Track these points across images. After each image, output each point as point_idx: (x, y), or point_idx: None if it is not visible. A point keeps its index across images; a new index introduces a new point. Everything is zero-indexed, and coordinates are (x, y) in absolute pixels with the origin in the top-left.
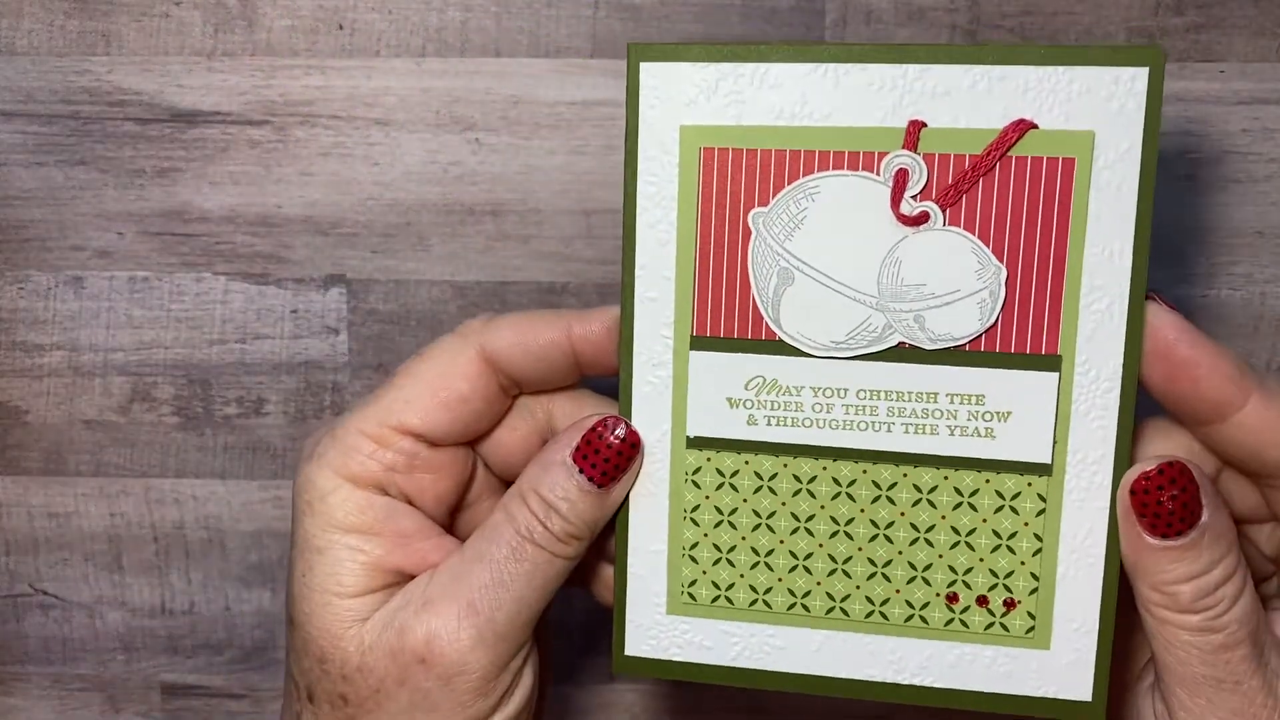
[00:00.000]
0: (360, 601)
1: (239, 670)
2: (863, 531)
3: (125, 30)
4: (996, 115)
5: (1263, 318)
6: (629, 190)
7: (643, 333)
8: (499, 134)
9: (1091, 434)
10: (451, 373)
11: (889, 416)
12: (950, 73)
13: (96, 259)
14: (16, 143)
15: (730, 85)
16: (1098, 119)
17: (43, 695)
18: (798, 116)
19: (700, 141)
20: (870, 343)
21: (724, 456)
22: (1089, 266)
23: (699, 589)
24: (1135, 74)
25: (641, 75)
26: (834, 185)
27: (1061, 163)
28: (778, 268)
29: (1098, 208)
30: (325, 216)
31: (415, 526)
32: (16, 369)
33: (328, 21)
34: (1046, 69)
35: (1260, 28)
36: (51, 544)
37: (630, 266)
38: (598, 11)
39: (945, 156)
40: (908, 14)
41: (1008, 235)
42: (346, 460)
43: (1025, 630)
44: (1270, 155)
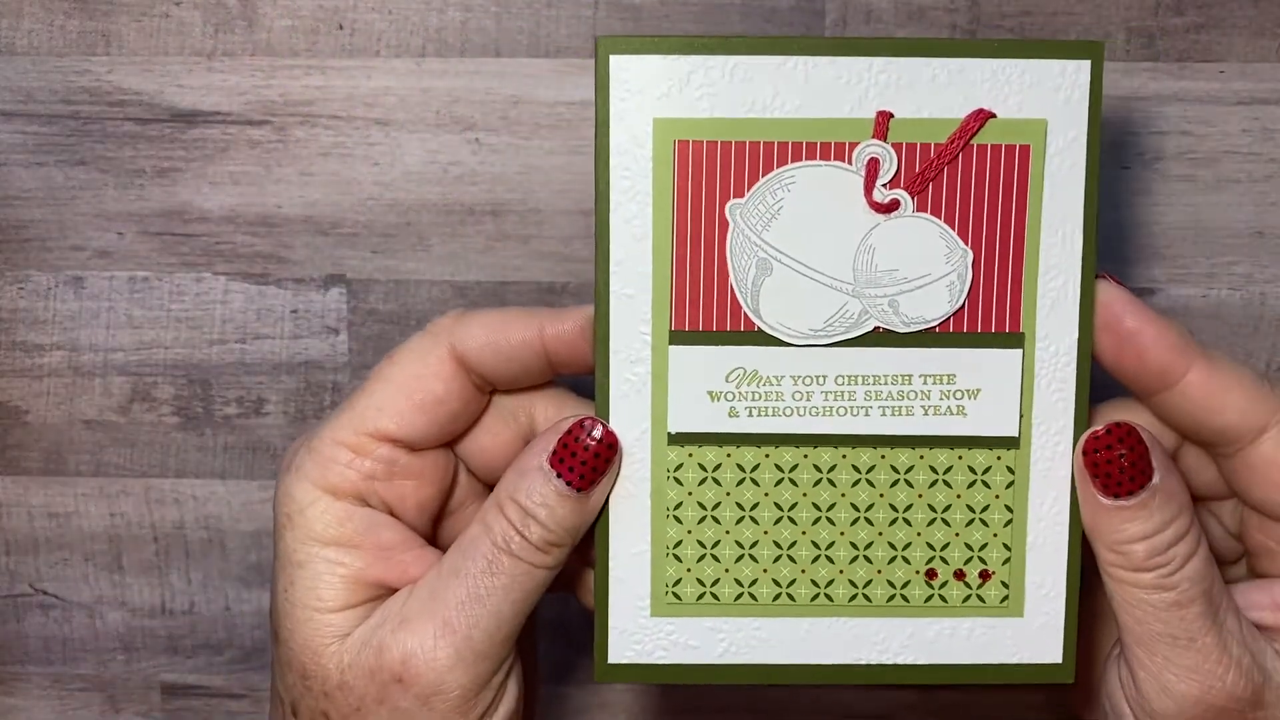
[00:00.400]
0: (341, 616)
1: (239, 670)
2: (844, 516)
3: (125, 30)
4: (957, 105)
5: (1263, 318)
6: (601, 186)
7: (619, 330)
8: (499, 134)
9: (1053, 406)
10: (424, 374)
11: (866, 400)
12: (912, 65)
13: (96, 259)
14: (16, 143)
15: (702, 78)
16: (1048, 108)
17: (43, 695)
18: (770, 109)
19: (674, 134)
20: (847, 329)
21: (705, 451)
22: (1045, 247)
23: (683, 588)
24: (1079, 66)
25: (611, 68)
26: (809, 175)
27: (1018, 149)
28: (756, 258)
29: (1051, 192)
30: (325, 216)
31: (397, 538)
32: (16, 369)
33: (328, 21)
34: (1000, 61)
35: (1260, 28)
36: (51, 544)
37: (605, 263)
38: (598, 11)
39: (912, 145)
40: (908, 14)
41: (971, 219)
42: (324, 471)
43: (1000, 599)
44: (1270, 155)
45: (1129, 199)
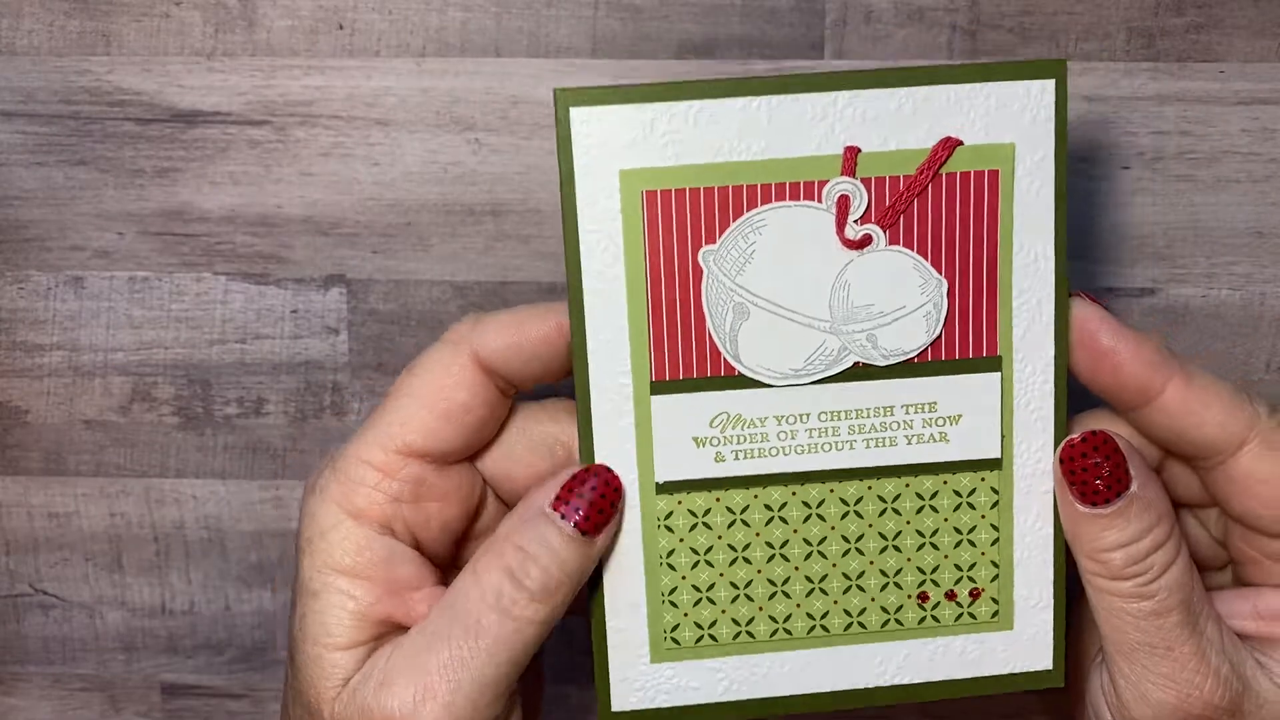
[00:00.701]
0: (347, 655)
1: (239, 670)
2: (835, 548)
3: (125, 30)
4: (924, 135)
5: (1263, 318)
6: (570, 239)
7: (599, 382)
8: (499, 134)
9: (1032, 425)
10: (448, 384)
11: (850, 434)
12: (877, 97)
13: (96, 259)
14: (16, 143)
15: (665, 125)
16: (1015, 131)
17: (43, 695)
18: (736, 151)
19: (641, 184)
20: (827, 366)
21: (695, 497)
22: (1018, 268)
23: (681, 632)
24: (1044, 86)
25: (573, 122)
26: (779, 217)
27: (987, 175)
28: (732, 303)
29: (1020, 215)
30: (325, 216)
31: (411, 574)
32: (16, 369)
33: (328, 21)
34: (965, 86)
35: (1260, 28)
36: (51, 544)
37: (579, 316)
38: (598, 11)
39: (881, 179)
40: (907, 14)
41: (944, 248)
42: (350, 493)
43: (991, 615)
44: (1270, 155)
45: (1129, 199)
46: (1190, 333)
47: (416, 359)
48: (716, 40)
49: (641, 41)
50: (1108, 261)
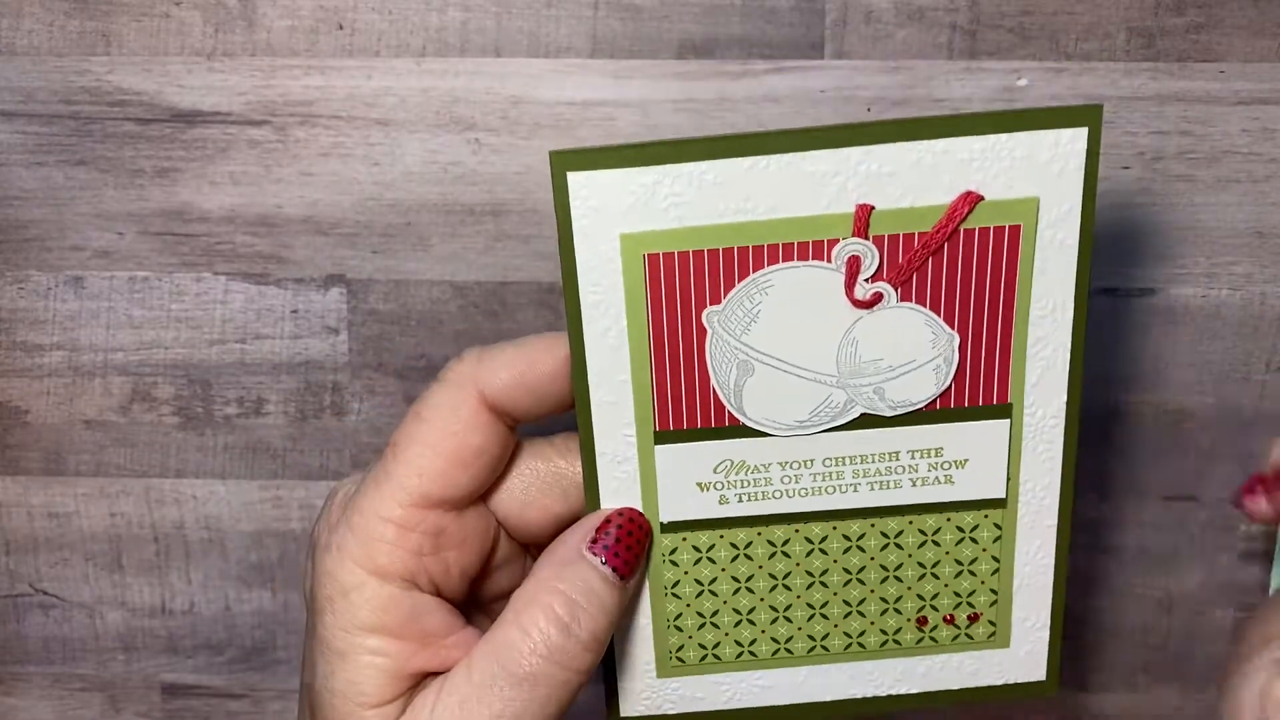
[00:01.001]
0: (382, 711)
1: (239, 670)
2: (836, 579)
3: (125, 30)
4: (942, 189)
5: (1263, 318)
6: (570, 300)
7: (603, 433)
8: (499, 134)
9: (1040, 465)
10: (458, 429)
11: (854, 478)
12: (894, 151)
13: (96, 259)
14: (16, 143)
15: (669, 188)
16: (1040, 183)
17: (43, 695)
18: (743, 212)
19: (643, 248)
20: (833, 418)
21: (699, 535)
22: (1035, 320)
23: (686, 652)
24: (1075, 134)
25: (570, 186)
26: (787, 278)
27: (1008, 230)
28: (737, 361)
29: (1041, 266)
30: (325, 216)
31: (440, 624)
32: (16, 369)
33: (328, 21)
34: (988, 137)
35: (1260, 28)
36: (51, 544)
37: (583, 374)
38: (598, 11)
39: (895, 237)
40: (907, 14)
41: (958, 303)
42: (371, 553)
43: (988, 636)
44: (1270, 155)
45: (1129, 199)
46: (1190, 333)
47: (420, 403)
48: (716, 40)
49: (641, 41)
50: (1108, 261)
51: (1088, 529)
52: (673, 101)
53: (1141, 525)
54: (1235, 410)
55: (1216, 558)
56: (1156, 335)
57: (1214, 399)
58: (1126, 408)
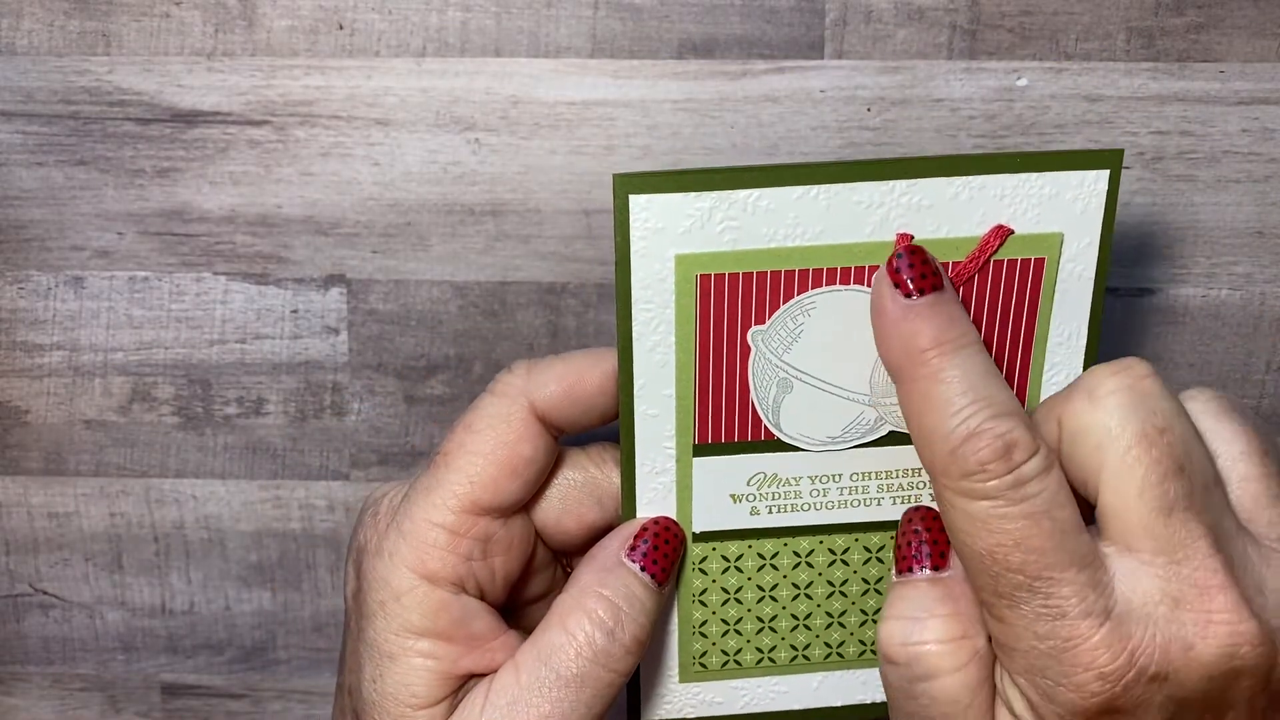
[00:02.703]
0: (430, 713)
1: (239, 670)
2: (856, 589)
3: (125, 30)
4: (976, 222)
5: (1263, 318)
6: (622, 316)
7: (644, 445)
8: (499, 134)
9: None
10: (509, 439)
11: (879, 492)
12: (934, 186)
13: (96, 259)
14: (16, 143)
15: (724, 213)
16: (1064, 219)
17: (43, 695)
18: (791, 237)
19: (697, 269)
20: (863, 435)
21: (729, 545)
22: (1051, 347)
23: (709, 658)
24: (1098, 176)
25: (631, 209)
26: (829, 300)
27: (1034, 263)
28: (777, 379)
29: (1060, 297)
30: (325, 216)
31: (487, 627)
32: (16, 369)
33: (328, 21)
34: (1020, 176)
35: (1260, 28)
36: (51, 544)
37: (629, 387)
38: (598, 11)
39: None
40: (907, 14)
41: (984, 328)
42: (423, 557)
43: None
44: (1270, 155)
45: (1129, 199)
46: (1190, 333)
47: (470, 413)
48: (716, 40)
49: (641, 41)
50: None
51: None
52: (673, 101)
53: None
54: None
55: None
56: (1156, 335)
57: None
58: None
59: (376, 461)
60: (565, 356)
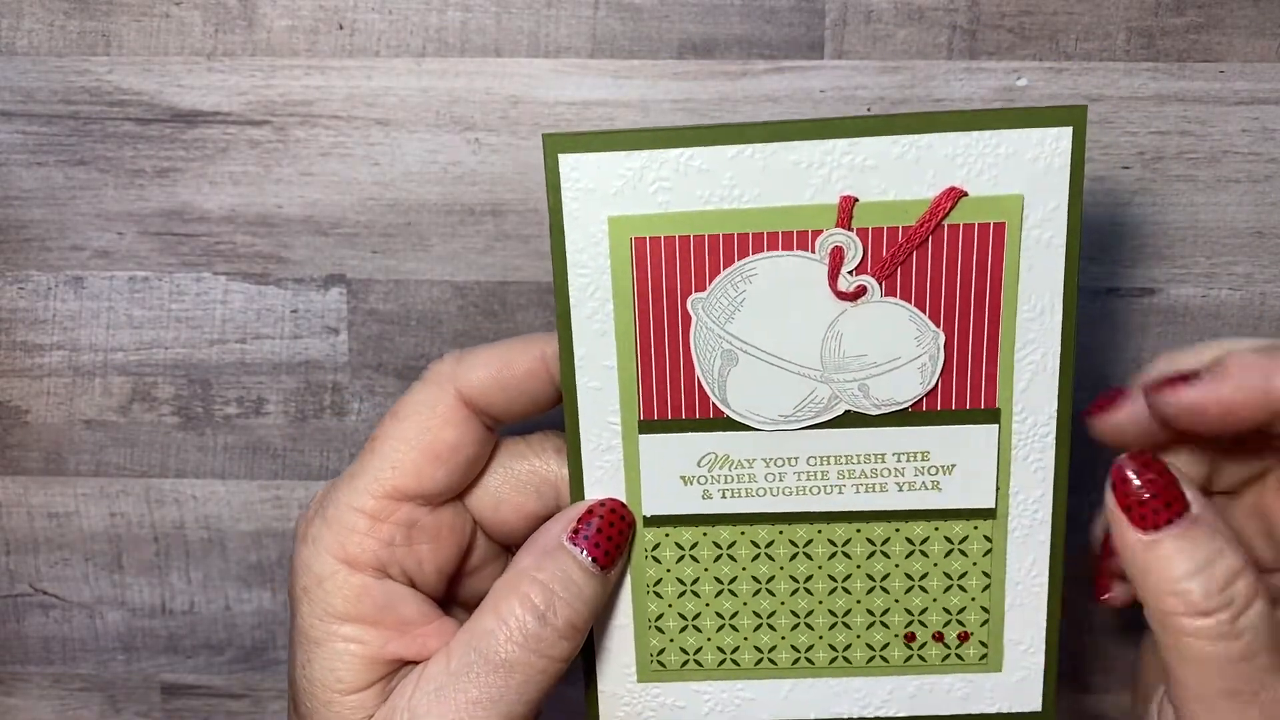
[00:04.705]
0: (359, 698)
1: (239, 670)
2: (821, 586)
3: (125, 30)
4: (926, 184)
5: (1263, 318)
6: (559, 283)
7: (588, 421)
8: (499, 134)
9: (1031, 476)
10: (434, 424)
11: (839, 479)
12: (877, 145)
13: (96, 259)
14: (16, 143)
15: (656, 173)
16: (1025, 181)
17: (43, 695)
18: (728, 199)
19: (630, 231)
20: (817, 413)
21: (681, 531)
22: (1022, 323)
23: (668, 656)
24: (1060, 134)
25: (561, 168)
26: (770, 266)
27: (992, 227)
28: (721, 350)
29: (1028, 266)
30: (325, 216)
31: (415, 612)
32: (16, 369)
33: (328, 21)
34: (973, 134)
35: (1260, 28)
36: (51, 544)
37: (569, 357)
38: (598, 11)
39: (879, 230)
40: (907, 14)
41: (943, 301)
42: (343, 541)
43: (979, 657)
44: (1270, 155)
45: (1129, 199)
46: (1190, 333)
47: (399, 402)
48: (716, 40)
49: (641, 41)
50: (1108, 261)
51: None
52: (672, 101)
53: None
54: None
55: None
56: (1156, 335)
57: None
58: None
59: None
60: (498, 343)
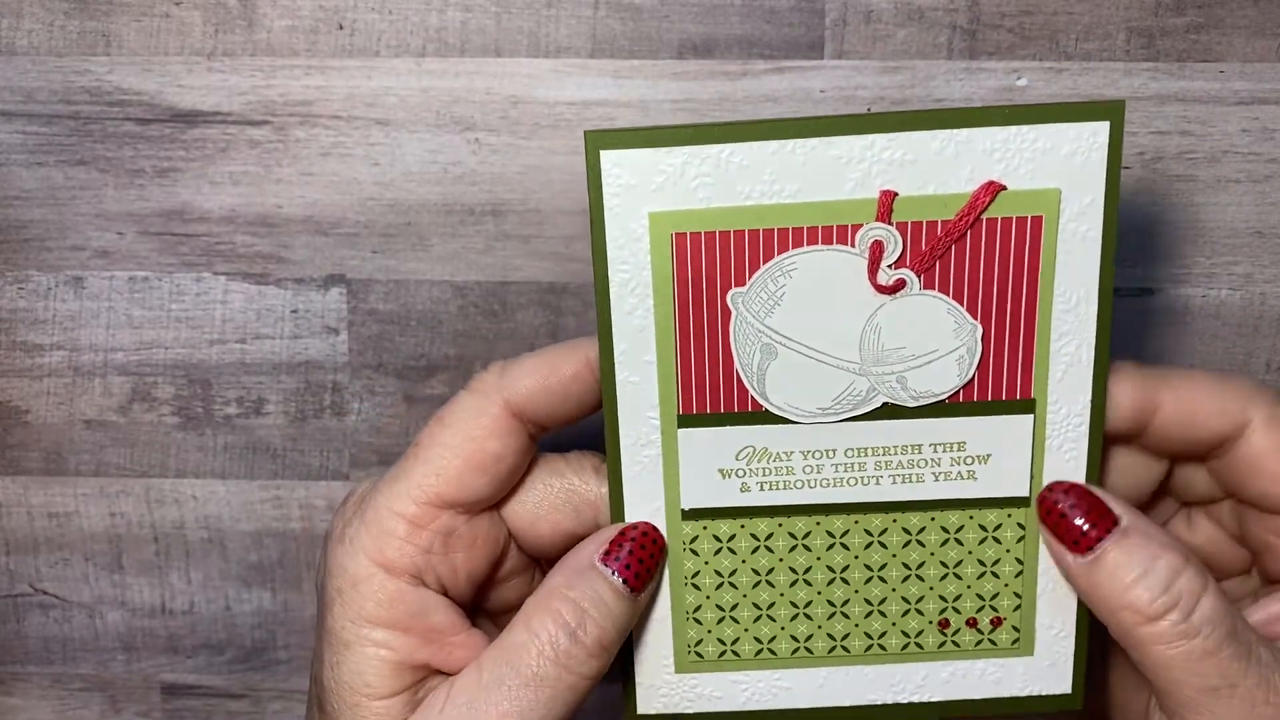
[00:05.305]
0: (387, 704)
1: (239, 670)
2: (857, 576)
3: (125, 30)
4: (964, 178)
5: (1263, 318)
6: (600, 278)
7: (627, 416)
8: (499, 134)
9: (1064, 464)
10: (478, 434)
11: (876, 470)
12: (917, 139)
13: (96, 259)
14: (16, 143)
15: (697, 169)
16: (1062, 175)
17: (43, 695)
18: (768, 195)
19: (671, 227)
20: (855, 406)
21: (719, 524)
22: (1058, 315)
23: (705, 647)
24: (1097, 128)
25: (603, 164)
26: (810, 261)
27: (1030, 221)
28: (760, 344)
29: (1064, 260)
30: (325, 216)
31: (446, 621)
32: (16, 369)
33: (328, 21)
34: (1011, 129)
35: (1260, 28)
36: (51, 544)
37: (609, 353)
38: (598, 11)
39: (918, 224)
40: (907, 14)
41: (980, 293)
42: (381, 546)
43: (1011, 642)
44: (1270, 155)
45: (1129, 199)
46: (1190, 333)
47: (444, 409)
48: (716, 40)
49: (641, 41)
50: None
51: None
52: (672, 101)
53: None
54: None
55: None
56: (1156, 335)
57: None
58: None
59: (376, 461)
60: (541, 350)
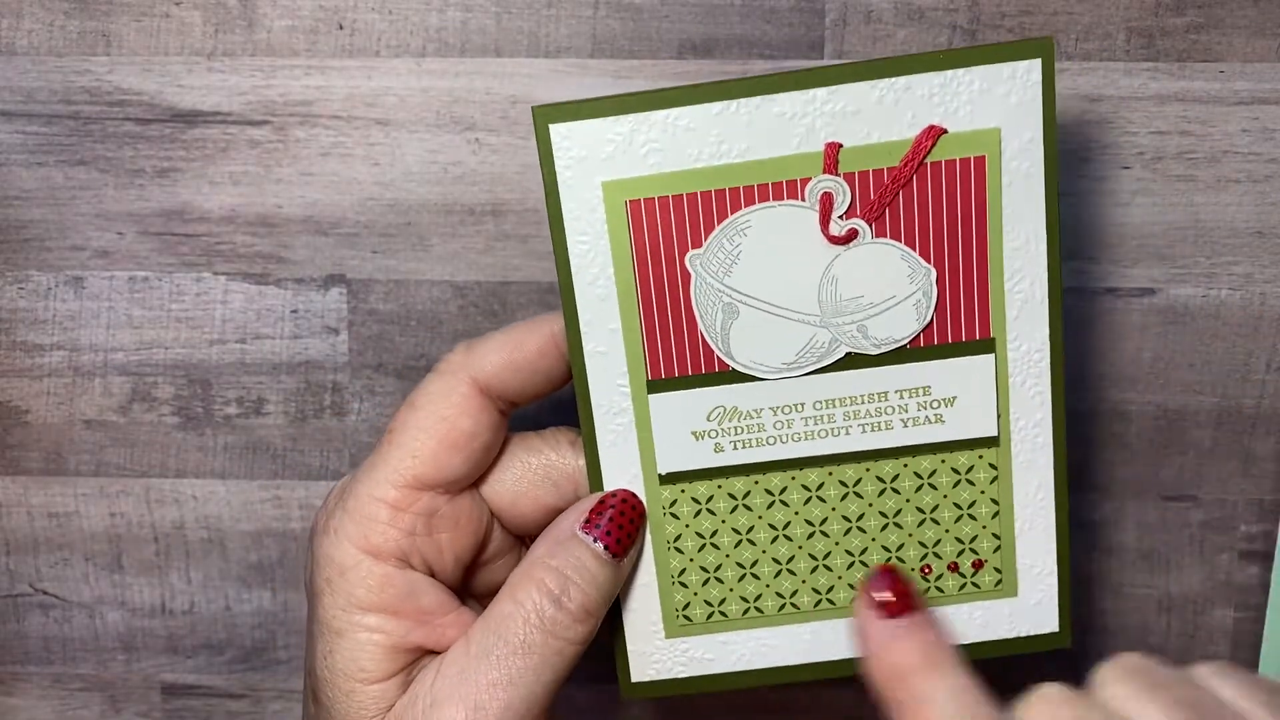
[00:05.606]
0: (382, 687)
1: (239, 670)
2: (836, 528)
3: (125, 30)
4: (906, 125)
5: (1263, 318)
6: (559, 252)
7: (598, 385)
8: (499, 134)
9: (1030, 401)
10: (449, 413)
11: (845, 420)
12: (857, 90)
13: (96, 259)
14: (16, 143)
15: (645, 135)
16: (1000, 115)
17: (43, 695)
18: (717, 156)
19: (624, 195)
20: (819, 358)
21: (697, 485)
22: (1009, 253)
23: (693, 610)
24: (1029, 66)
25: (552, 137)
26: (763, 218)
27: (973, 161)
28: (721, 304)
29: (1010, 198)
30: (325, 216)
31: (435, 602)
32: (16, 369)
33: (328, 21)
34: (947, 73)
35: (1260, 28)
36: (51, 544)
37: (574, 324)
38: (598, 11)
39: (865, 173)
40: (907, 14)
41: (932, 237)
42: (365, 532)
43: (994, 584)
44: (1270, 155)
45: (1129, 199)
46: (1190, 333)
47: (414, 393)
48: (716, 40)
49: (641, 41)
50: (1108, 261)
51: (1088, 529)
52: None
53: (1141, 525)
54: (1235, 410)
55: (1216, 558)
56: (1156, 335)
57: (1214, 399)
58: (1127, 408)
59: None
60: (506, 328)
